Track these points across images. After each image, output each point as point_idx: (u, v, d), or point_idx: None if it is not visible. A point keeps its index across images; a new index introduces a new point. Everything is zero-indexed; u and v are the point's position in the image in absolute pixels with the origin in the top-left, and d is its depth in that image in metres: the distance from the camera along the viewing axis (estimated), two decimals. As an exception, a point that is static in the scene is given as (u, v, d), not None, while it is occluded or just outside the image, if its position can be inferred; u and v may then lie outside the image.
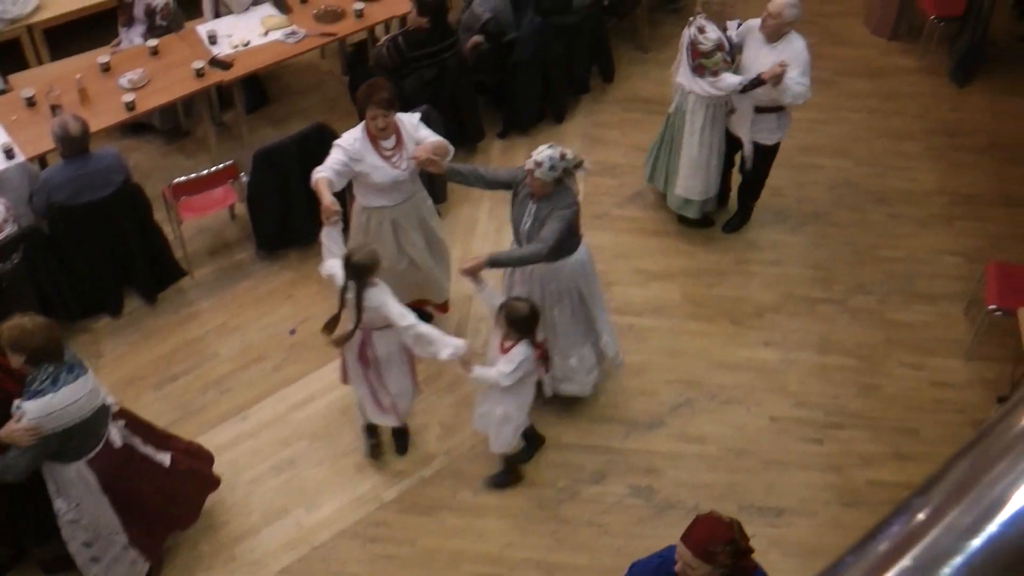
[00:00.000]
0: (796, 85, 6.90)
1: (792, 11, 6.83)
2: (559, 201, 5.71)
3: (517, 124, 8.58)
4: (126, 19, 8.33)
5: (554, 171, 5.58)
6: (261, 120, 8.74)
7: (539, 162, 5.59)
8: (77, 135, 6.52)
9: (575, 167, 5.72)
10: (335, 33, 8.21)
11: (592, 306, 6.29)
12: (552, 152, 5.62)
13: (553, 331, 6.21)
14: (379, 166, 6.08)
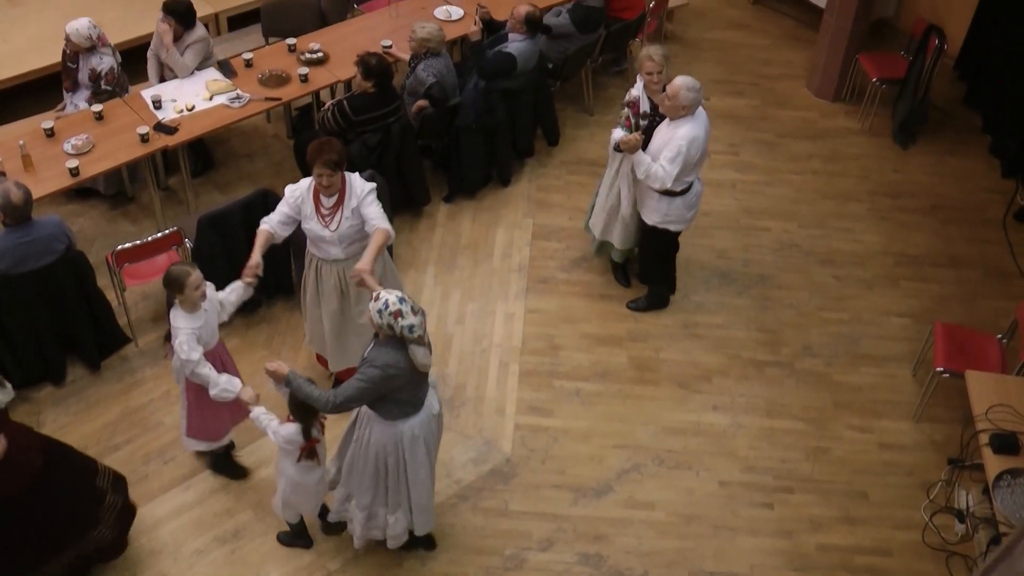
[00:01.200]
0: (656, 165, 6.88)
1: (688, 94, 6.72)
2: (378, 355, 5.24)
3: (463, 188, 8.60)
4: (71, 83, 8.28)
5: (381, 318, 5.15)
6: (207, 184, 8.70)
7: (377, 298, 5.20)
8: (20, 203, 6.43)
9: (413, 340, 5.16)
10: (280, 98, 8.21)
11: (401, 483, 5.70)
12: (393, 300, 5.15)
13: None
14: (312, 220, 6.21)
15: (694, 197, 7.21)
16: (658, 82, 7.03)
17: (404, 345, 5.17)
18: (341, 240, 6.24)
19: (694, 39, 10.80)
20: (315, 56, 8.49)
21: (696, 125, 6.82)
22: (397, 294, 5.20)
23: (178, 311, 5.79)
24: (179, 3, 8.15)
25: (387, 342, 5.22)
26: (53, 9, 9.69)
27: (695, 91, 6.74)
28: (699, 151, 6.90)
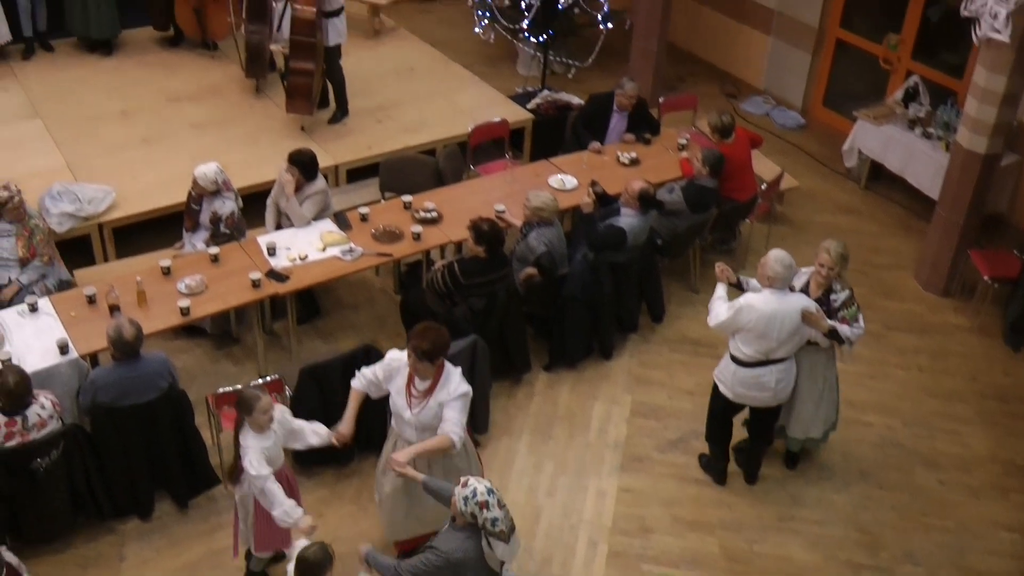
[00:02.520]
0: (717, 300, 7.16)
1: (776, 266, 6.77)
2: (447, 542, 5.18)
3: (564, 358, 8.54)
4: (192, 224, 8.49)
5: (466, 505, 5.13)
6: (311, 332, 8.78)
7: (465, 484, 5.19)
8: (130, 340, 6.56)
9: (494, 534, 5.10)
10: (392, 254, 8.31)
11: None
12: (482, 489, 5.12)
13: None
14: (400, 396, 6.16)
15: (750, 379, 7.06)
16: (826, 276, 6.98)
17: (480, 536, 5.07)
18: (418, 426, 6.15)
19: (803, 221, 10.75)
20: (429, 215, 8.60)
21: (770, 301, 6.78)
22: (487, 484, 5.13)
23: (247, 431, 5.91)
24: (304, 155, 8.37)
25: (463, 529, 5.15)
26: (183, 150, 10.05)
27: (784, 267, 6.73)
28: (756, 323, 6.81)
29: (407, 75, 12.02)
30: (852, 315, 6.98)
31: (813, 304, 6.87)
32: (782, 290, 6.82)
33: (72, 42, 12.19)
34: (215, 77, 11.68)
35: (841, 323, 6.93)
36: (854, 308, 7.00)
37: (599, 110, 10.09)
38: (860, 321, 7.02)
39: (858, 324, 6.99)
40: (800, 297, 6.88)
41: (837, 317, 6.96)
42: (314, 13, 10.00)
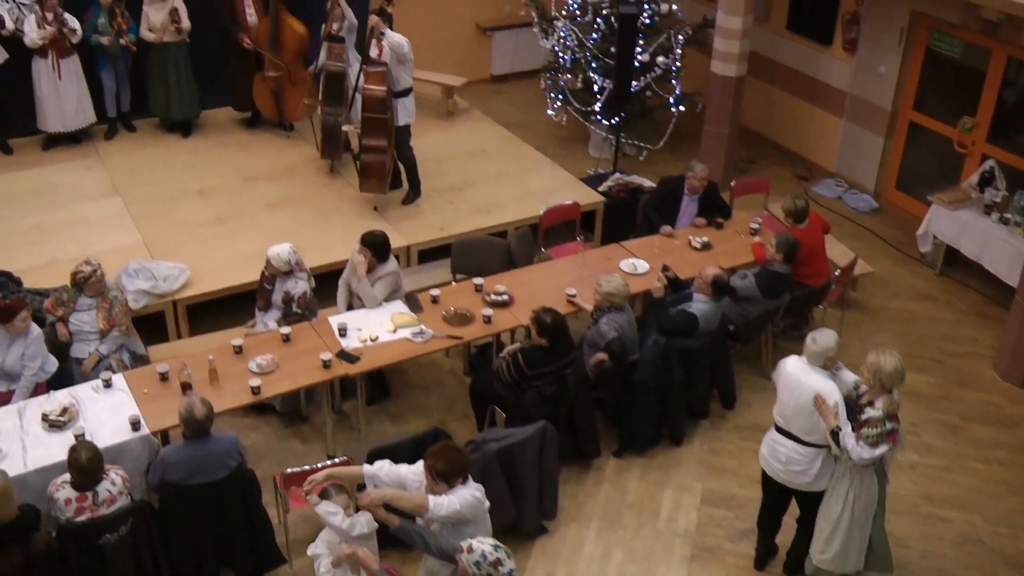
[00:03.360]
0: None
1: (809, 341, 6.77)
2: None
3: (634, 444, 8.42)
4: (264, 303, 8.56)
5: (479, 570, 5.10)
6: (380, 413, 8.76)
7: (470, 550, 5.15)
8: (201, 419, 6.58)
9: None
10: (462, 336, 8.29)
11: None
12: (489, 549, 5.14)
13: None
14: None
15: (771, 441, 7.03)
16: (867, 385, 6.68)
17: None
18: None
19: (877, 308, 10.57)
20: (500, 298, 8.59)
21: (797, 367, 6.81)
22: (491, 542, 5.10)
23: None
24: (376, 237, 8.42)
25: None
26: (256, 229, 10.19)
27: (815, 344, 6.73)
28: (781, 382, 6.88)
29: (480, 156, 12.12)
30: (869, 437, 6.40)
31: (831, 394, 6.59)
32: (811, 365, 6.72)
33: (153, 122, 12.50)
34: (290, 157, 11.88)
35: (854, 433, 6.47)
36: (876, 432, 6.41)
37: (670, 193, 10.07)
38: (872, 450, 6.37)
39: (866, 449, 6.37)
40: (824, 381, 6.66)
41: (858, 428, 6.52)
42: (384, 92, 10.14)
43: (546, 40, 12.97)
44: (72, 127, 11.83)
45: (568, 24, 12.50)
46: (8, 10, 11.39)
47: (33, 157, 11.73)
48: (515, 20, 14.83)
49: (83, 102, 11.80)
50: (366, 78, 10.19)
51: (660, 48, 12.24)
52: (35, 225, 10.27)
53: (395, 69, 10.23)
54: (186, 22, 11.80)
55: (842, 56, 12.65)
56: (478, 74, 15.04)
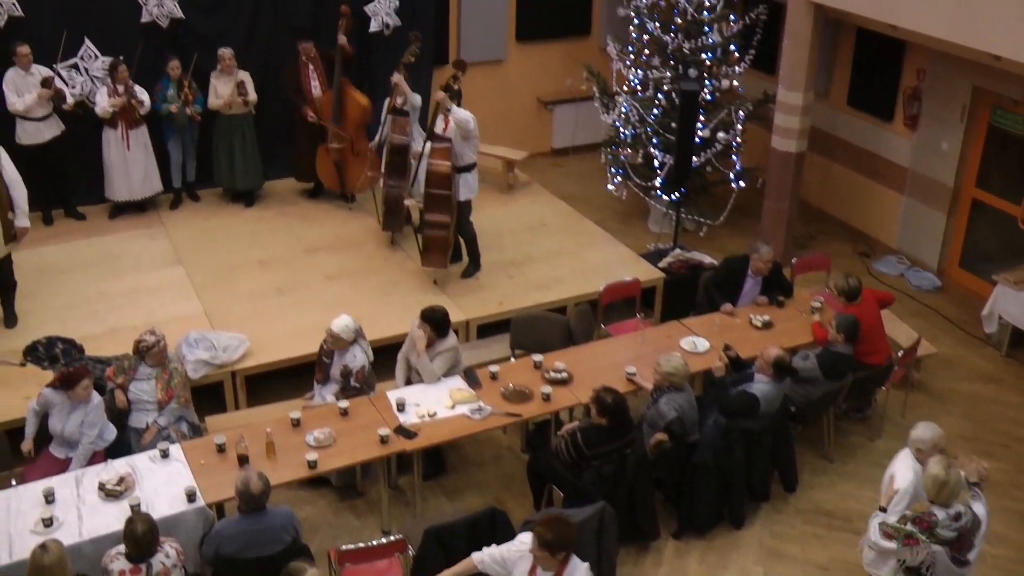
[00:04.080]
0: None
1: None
2: None
3: (693, 526, 8.25)
4: (322, 376, 8.54)
5: None
6: (436, 489, 8.67)
7: None
8: (257, 494, 6.55)
9: None
10: (520, 414, 8.20)
11: None
12: None
13: None
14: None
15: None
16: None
17: None
18: None
19: (941, 390, 10.34)
20: (559, 375, 8.51)
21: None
22: None
23: None
24: (436, 312, 8.39)
25: None
26: (316, 301, 10.23)
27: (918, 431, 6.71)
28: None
29: (539, 230, 12.11)
30: (887, 526, 6.46)
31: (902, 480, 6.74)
32: (910, 450, 6.83)
33: (217, 191, 12.65)
34: (351, 229, 11.94)
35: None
36: (895, 527, 6.42)
37: (733, 273, 9.96)
38: (882, 540, 6.45)
39: (878, 535, 6.47)
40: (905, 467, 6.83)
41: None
42: (449, 167, 10.17)
43: (607, 115, 12.99)
44: (138, 196, 12.00)
45: (629, 99, 12.52)
46: (82, 83, 11.66)
47: (99, 225, 11.89)
48: (576, 95, 14.87)
49: (150, 172, 11.98)
50: (431, 153, 10.25)
51: (721, 124, 12.21)
52: (99, 292, 10.37)
53: (459, 145, 10.27)
54: (253, 95, 11.98)
55: (903, 132, 12.55)
56: (538, 148, 15.10)
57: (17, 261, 9.93)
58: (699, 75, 12.14)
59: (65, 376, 7.70)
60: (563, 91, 15.15)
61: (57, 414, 7.76)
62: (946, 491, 6.38)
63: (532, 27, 14.75)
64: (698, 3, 11.99)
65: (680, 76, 12.19)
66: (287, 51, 12.30)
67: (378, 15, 13.02)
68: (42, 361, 9.16)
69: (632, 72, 12.73)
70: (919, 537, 6.33)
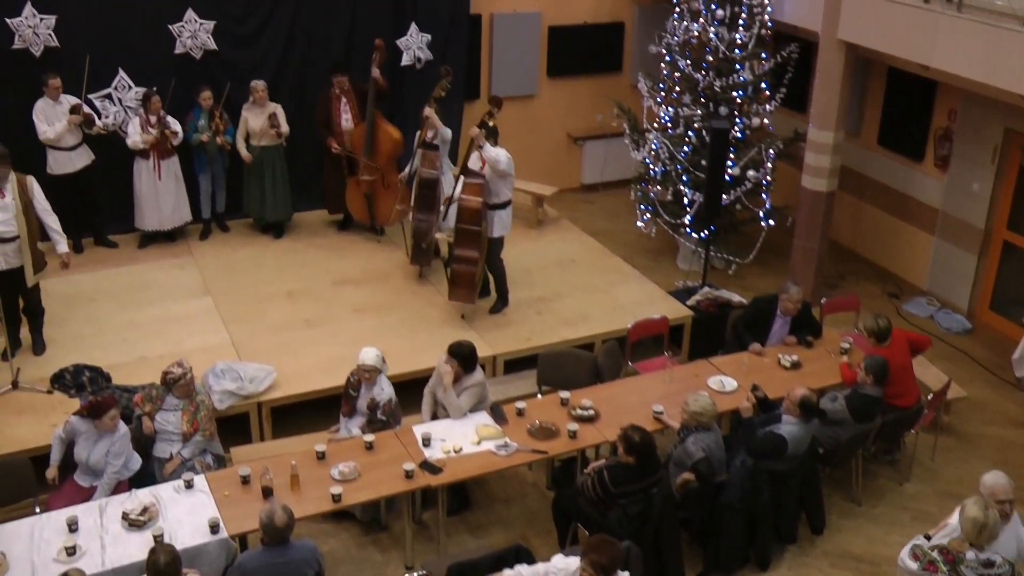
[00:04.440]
0: None
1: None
2: None
3: (719, 567, 8.15)
4: (349, 409, 8.53)
5: None
6: (460, 525, 8.61)
7: None
8: (281, 527, 6.52)
9: None
10: (547, 451, 8.15)
11: None
12: None
13: None
14: None
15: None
16: None
17: None
18: None
19: (972, 434, 10.22)
20: (586, 413, 8.46)
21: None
22: None
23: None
24: (464, 347, 8.37)
25: None
26: (343, 333, 10.23)
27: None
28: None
29: (568, 267, 12.09)
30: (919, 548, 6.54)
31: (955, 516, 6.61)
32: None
33: (247, 222, 12.70)
34: (380, 262, 11.95)
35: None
36: (924, 550, 6.50)
37: (762, 312, 9.90)
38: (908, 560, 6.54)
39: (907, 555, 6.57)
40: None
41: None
42: (480, 203, 10.18)
43: (637, 152, 13.00)
44: (168, 226, 12.07)
45: (660, 136, 12.52)
46: (115, 112, 11.76)
47: (129, 254, 11.96)
48: (606, 131, 14.92)
49: (180, 202, 12.06)
50: (463, 188, 10.29)
51: (751, 162, 12.20)
52: (127, 321, 10.41)
53: (494, 182, 10.30)
54: (285, 127, 12.05)
55: (934, 173, 12.49)
56: (568, 183, 15.11)
57: (46, 289, 10.00)
58: (730, 113, 12.15)
59: (93, 405, 7.72)
60: (593, 127, 15.20)
61: (83, 442, 7.77)
62: (984, 533, 6.36)
63: (564, 63, 14.81)
64: (730, 41, 12.01)
65: (711, 114, 12.20)
66: (319, 83, 12.39)
67: (410, 49, 13.14)
68: (69, 389, 9.20)
69: (663, 109, 12.75)
70: (940, 567, 6.33)
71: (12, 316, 9.61)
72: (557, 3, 14.48)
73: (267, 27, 12.53)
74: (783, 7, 12.19)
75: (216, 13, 12.14)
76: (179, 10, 11.94)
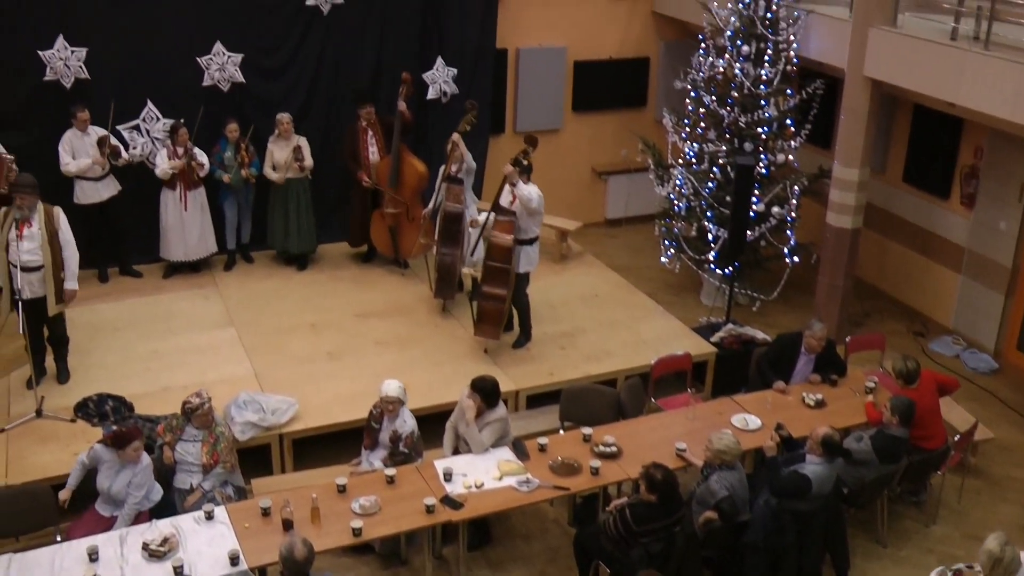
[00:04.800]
0: None
1: None
2: None
3: (742, 606, 8.10)
4: (371, 442, 8.52)
5: None
6: (480, 560, 8.57)
7: None
8: (300, 561, 6.50)
9: None
10: (568, 488, 8.11)
11: None
12: None
13: None
14: None
15: None
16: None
17: None
18: None
19: (999, 476, 10.11)
20: (609, 450, 8.41)
21: None
22: None
23: None
24: (487, 382, 8.36)
25: None
26: (366, 366, 10.25)
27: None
28: None
29: (591, 302, 12.08)
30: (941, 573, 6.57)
31: None
32: None
33: (271, 254, 12.76)
34: (403, 295, 11.98)
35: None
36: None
37: (787, 350, 9.85)
38: None
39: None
40: None
41: None
42: (511, 241, 10.20)
43: (662, 187, 13.01)
44: (193, 257, 12.15)
45: (684, 172, 12.53)
46: (143, 144, 11.86)
47: (153, 284, 12.03)
48: (631, 165, 14.97)
49: (206, 233, 12.14)
50: (494, 225, 10.31)
51: (776, 198, 12.18)
52: (151, 351, 10.45)
53: (524, 219, 10.33)
54: (309, 160, 12.11)
55: (960, 210, 12.44)
56: (592, 218, 15.14)
57: (71, 317, 10.06)
58: (755, 149, 12.15)
59: (117, 435, 7.73)
60: (618, 162, 15.25)
61: (105, 471, 7.78)
62: (999, 568, 6.36)
63: (589, 98, 14.88)
64: (755, 77, 12.02)
65: (736, 150, 12.20)
66: (346, 117, 12.47)
67: (437, 83, 13.21)
68: (92, 418, 9.24)
69: (687, 145, 12.76)
70: None
71: (37, 345, 9.66)
72: (583, 38, 14.56)
73: (295, 60, 12.65)
74: (809, 44, 12.19)
75: (244, 46, 12.26)
76: (208, 43, 12.08)
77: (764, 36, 11.96)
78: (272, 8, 12.37)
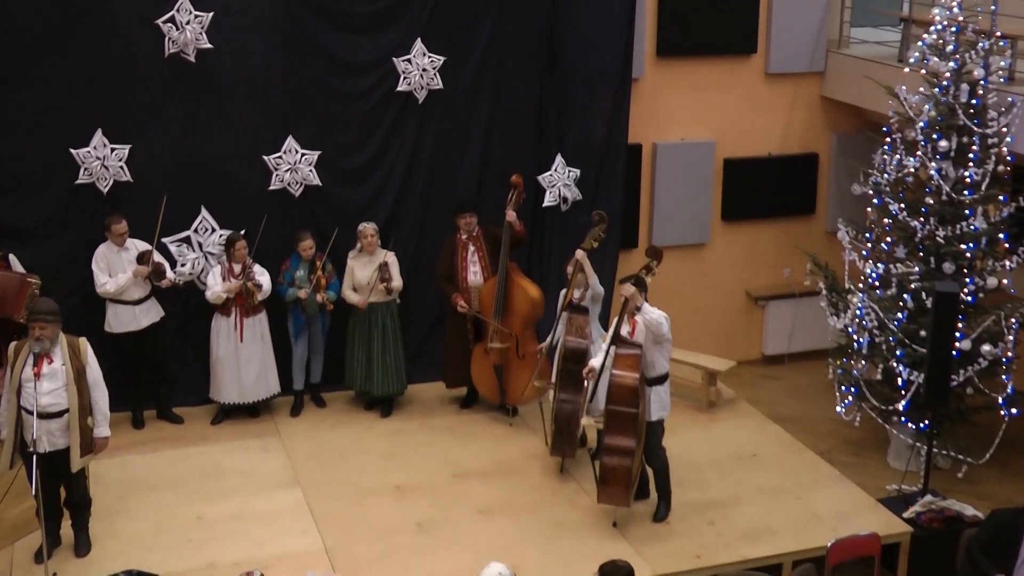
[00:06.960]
0: None
1: None
2: None
3: None
4: None
5: None
6: None
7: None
8: None
9: None
10: None
11: None
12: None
13: None
14: None
15: None
16: None
17: None
18: None
19: None
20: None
21: None
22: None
23: None
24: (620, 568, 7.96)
25: None
26: (464, 540, 10.19)
27: None
28: None
29: (748, 463, 11.91)
30: None
31: None
32: None
33: (348, 396, 12.83)
34: (512, 451, 11.92)
35: None
36: None
37: (1005, 532, 9.51)
38: None
39: None
40: None
41: None
42: (637, 380, 10.09)
43: (837, 317, 12.84)
44: (250, 398, 12.24)
45: (866, 299, 12.33)
46: (193, 260, 12.02)
47: (200, 432, 12.14)
48: (796, 289, 14.87)
49: (266, 369, 12.23)
50: (615, 362, 10.21)
51: (986, 333, 11.91)
52: (195, 517, 10.47)
53: (650, 351, 10.26)
54: (398, 280, 12.20)
55: None
56: (746, 354, 15.03)
57: (96, 473, 10.15)
58: (957, 271, 11.93)
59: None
60: (780, 284, 15.16)
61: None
62: None
63: (742, 204, 14.87)
64: (957, 180, 11.86)
65: (932, 271, 12.00)
66: (443, 229, 12.58)
67: (555, 186, 13.25)
68: (118, 604, 9.21)
69: (869, 264, 12.62)
70: None
71: (51, 509, 9.53)
72: (735, 131, 14.62)
73: (382, 159, 12.84)
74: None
75: (321, 142, 12.48)
76: (277, 139, 12.31)
77: (968, 128, 11.81)
78: (356, 96, 12.62)
